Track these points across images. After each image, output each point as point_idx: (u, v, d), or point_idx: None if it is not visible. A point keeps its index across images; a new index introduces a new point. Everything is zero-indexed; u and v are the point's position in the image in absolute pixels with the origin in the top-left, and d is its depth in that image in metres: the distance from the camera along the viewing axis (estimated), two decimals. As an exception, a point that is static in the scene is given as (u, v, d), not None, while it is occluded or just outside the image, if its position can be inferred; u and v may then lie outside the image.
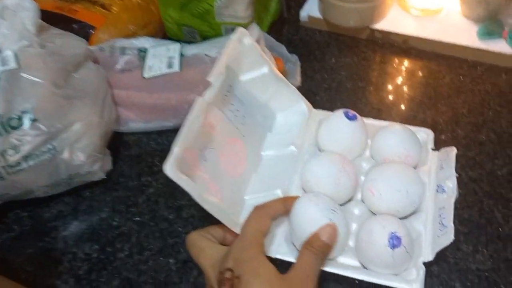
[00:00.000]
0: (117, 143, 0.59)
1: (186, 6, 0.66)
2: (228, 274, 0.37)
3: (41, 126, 0.50)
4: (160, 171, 0.55)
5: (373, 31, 0.69)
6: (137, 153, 0.59)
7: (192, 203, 0.41)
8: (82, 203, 0.54)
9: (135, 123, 0.61)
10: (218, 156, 0.48)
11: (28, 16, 0.54)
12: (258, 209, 0.43)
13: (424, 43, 0.67)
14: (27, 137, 0.49)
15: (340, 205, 0.47)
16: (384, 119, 0.54)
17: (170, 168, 0.39)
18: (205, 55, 0.61)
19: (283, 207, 0.44)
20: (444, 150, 0.49)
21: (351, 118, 0.50)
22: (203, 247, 0.42)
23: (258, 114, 0.54)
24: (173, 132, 0.58)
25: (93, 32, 0.67)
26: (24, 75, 0.51)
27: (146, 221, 0.52)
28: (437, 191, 0.46)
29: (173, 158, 0.40)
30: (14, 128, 0.49)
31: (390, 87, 0.64)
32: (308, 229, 0.41)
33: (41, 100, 0.50)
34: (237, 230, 0.43)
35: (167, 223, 0.52)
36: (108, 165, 0.56)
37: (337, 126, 0.50)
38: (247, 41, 0.50)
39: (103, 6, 0.70)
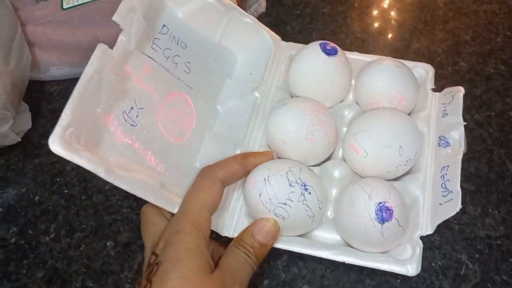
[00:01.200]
0: (36, 94, 0.47)
1: None
2: (152, 258, 0.29)
3: None
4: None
5: None
6: (63, 107, 0.47)
7: None
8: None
9: (58, 68, 0.49)
10: (152, 117, 0.36)
11: None
12: (204, 173, 0.33)
13: (418, -48, 0.54)
14: None
15: (315, 166, 0.38)
16: (371, 52, 0.43)
17: (57, 142, 0.28)
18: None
19: (240, 167, 0.34)
20: (447, 91, 0.39)
21: (329, 52, 0.38)
22: (148, 223, 0.33)
23: (208, 57, 0.42)
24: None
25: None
26: None
27: (76, 194, 0.42)
28: (439, 144, 0.37)
29: (62, 129, 0.28)
30: None
31: (376, 11, 0.52)
32: (260, 210, 0.32)
33: None
34: (172, 209, 0.33)
35: (103, 196, 0.41)
36: (26, 124, 0.44)
37: (312, 63, 0.38)
38: None
39: None
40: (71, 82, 0.48)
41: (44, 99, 0.48)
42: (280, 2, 0.53)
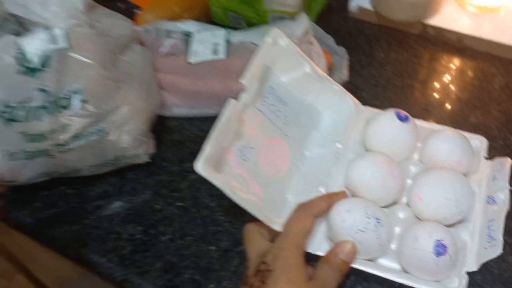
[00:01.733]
0: (160, 127, 0.60)
1: (235, -9, 0.65)
2: (262, 266, 0.39)
3: (90, 107, 0.50)
4: (203, 158, 0.56)
5: (426, 26, 0.67)
6: (180, 139, 0.60)
7: None
8: (126, 185, 0.55)
9: (178, 108, 0.61)
10: (258, 155, 0.48)
11: (79, -6, 0.54)
12: (301, 208, 0.43)
13: (480, 43, 0.64)
14: (76, 117, 0.50)
15: (384, 207, 0.47)
16: (433, 121, 0.53)
17: (201, 166, 0.40)
18: (251, 43, 0.60)
19: (326, 205, 0.44)
20: (498, 160, 0.48)
21: (403, 119, 0.48)
22: (252, 239, 0.43)
23: (302, 114, 0.53)
24: (215, 119, 0.58)
25: (139, 12, 0.67)
26: (74, 55, 0.50)
27: (188, 207, 0.53)
28: (488, 202, 0.45)
29: (204, 157, 0.41)
30: (64, 107, 0.50)
31: (440, 87, 0.62)
32: (342, 234, 0.42)
33: (91, 81, 0.51)
34: (275, 227, 0.43)
35: (208, 211, 0.53)
36: (152, 149, 0.57)
37: (387, 126, 0.49)
38: (283, 42, 0.49)
39: (150, -14, 0.70)
40: (187, 120, 0.61)
41: (165, 131, 0.60)
42: (359, 72, 0.64)
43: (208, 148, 0.42)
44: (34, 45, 0.51)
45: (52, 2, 0.52)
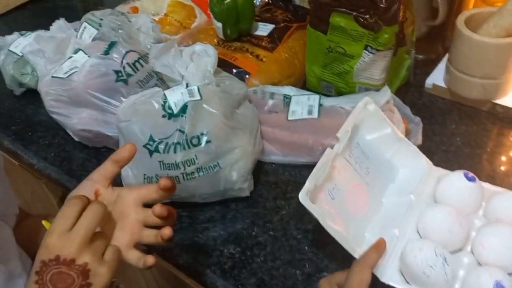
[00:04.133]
0: (258, 169, 0.72)
1: (329, 65, 0.78)
2: None
3: (212, 146, 0.64)
4: (292, 198, 0.68)
5: (495, 105, 0.76)
6: (274, 180, 0.72)
7: (317, 229, 0.52)
8: (229, 213, 0.67)
9: (275, 155, 0.74)
10: (344, 196, 0.58)
11: (210, 61, 0.70)
12: (358, 263, 0.50)
13: (545, 122, 0.72)
14: (202, 153, 0.64)
15: (450, 252, 0.55)
16: (497, 185, 0.61)
17: (303, 197, 0.52)
18: (341, 107, 0.73)
19: (377, 256, 0.52)
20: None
21: (470, 179, 0.57)
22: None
23: (381, 167, 0.64)
24: (305, 167, 0.70)
25: (248, 77, 0.83)
26: (205, 106, 0.66)
27: (278, 236, 0.64)
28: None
29: (306, 190, 0.53)
30: (194, 145, 0.64)
31: (506, 159, 0.70)
32: (413, 268, 0.50)
33: (215, 127, 0.65)
34: (356, 255, 0.53)
35: (295, 241, 0.63)
36: (252, 186, 0.69)
37: (456, 184, 0.58)
38: (371, 107, 0.62)
39: (257, 57, 0.85)
40: (281, 165, 0.73)
41: (262, 173, 0.73)
42: (431, 139, 0.74)
43: (308, 184, 0.53)
44: (175, 96, 0.67)
45: (191, 66, 0.69)
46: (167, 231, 0.52)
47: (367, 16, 0.69)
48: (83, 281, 0.45)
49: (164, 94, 0.67)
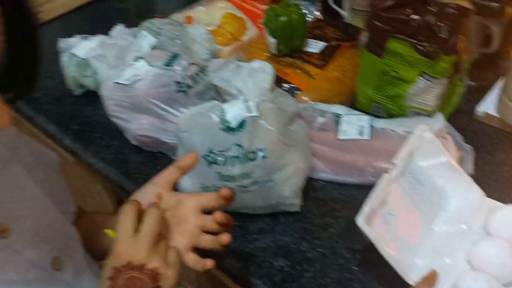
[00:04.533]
0: (307, 186, 0.74)
1: (382, 87, 0.80)
2: None
3: (268, 162, 0.66)
4: (341, 216, 0.69)
5: (546, 137, 0.76)
6: (322, 197, 0.74)
7: (366, 250, 0.53)
8: (278, 226, 0.70)
9: (324, 173, 0.76)
10: (397, 222, 0.60)
11: (267, 78, 0.72)
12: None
13: None
14: (258, 168, 0.66)
15: (504, 285, 0.56)
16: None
17: (361, 221, 0.54)
18: (392, 130, 0.74)
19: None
20: None
21: (524, 214, 0.58)
22: None
23: (434, 194, 0.65)
24: (353, 186, 0.72)
25: (298, 93, 0.85)
26: (262, 122, 0.68)
27: (327, 254, 0.65)
28: None
29: (364, 214, 0.54)
30: (251, 160, 0.66)
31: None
32: None
33: (271, 143, 0.67)
34: (409, 281, 0.54)
35: (344, 260, 0.64)
36: (301, 202, 0.71)
37: (510, 217, 0.58)
38: (427, 135, 0.63)
39: (308, 73, 0.87)
40: (330, 183, 0.75)
41: (311, 189, 0.74)
42: (482, 168, 0.74)
43: (367, 208, 0.55)
44: (233, 111, 0.69)
45: (249, 81, 0.71)
46: (225, 238, 0.55)
47: (426, 44, 0.70)
48: (153, 284, 0.47)
49: (222, 108, 0.69)
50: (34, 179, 0.53)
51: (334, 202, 0.72)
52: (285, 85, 0.86)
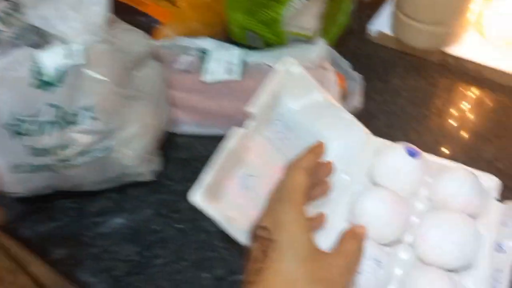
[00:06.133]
0: (168, 144, 0.59)
1: (253, 12, 0.64)
2: (263, 233, 0.37)
3: (98, 124, 0.50)
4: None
5: (446, 55, 0.65)
6: (186, 157, 0.59)
7: None
8: (127, 202, 0.55)
9: (188, 125, 0.61)
10: (262, 184, 0.47)
11: (99, 11, 0.54)
12: (291, 166, 0.42)
13: (500, 75, 0.62)
14: (84, 134, 0.50)
15: (386, 245, 0.45)
16: (446, 154, 0.51)
17: (199, 198, 0.40)
18: (266, 64, 0.59)
19: (314, 157, 0.43)
20: (510, 204, 0.45)
21: (413, 155, 0.47)
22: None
23: (309, 142, 0.52)
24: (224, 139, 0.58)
25: (158, 27, 0.67)
26: (90, 72, 0.50)
27: (187, 229, 0.52)
28: (495, 249, 0.43)
29: (204, 188, 0.41)
30: (73, 123, 0.50)
31: (455, 119, 0.60)
32: None
33: (103, 98, 0.50)
34: None
35: (206, 235, 0.52)
36: (157, 166, 0.56)
37: (397, 162, 0.47)
38: (296, 70, 0.49)
39: (170, 1, 0.70)
40: (196, 138, 0.60)
41: (173, 148, 0.60)
42: (373, 98, 0.62)
43: (207, 179, 0.41)
44: (50, 60, 0.51)
45: (73, 17, 0.52)
46: None
47: None
48: None
49: (35, 57, 0.51)
50: None
51: (198, 161, 0.57)
52: (141, 18, 0.68)
